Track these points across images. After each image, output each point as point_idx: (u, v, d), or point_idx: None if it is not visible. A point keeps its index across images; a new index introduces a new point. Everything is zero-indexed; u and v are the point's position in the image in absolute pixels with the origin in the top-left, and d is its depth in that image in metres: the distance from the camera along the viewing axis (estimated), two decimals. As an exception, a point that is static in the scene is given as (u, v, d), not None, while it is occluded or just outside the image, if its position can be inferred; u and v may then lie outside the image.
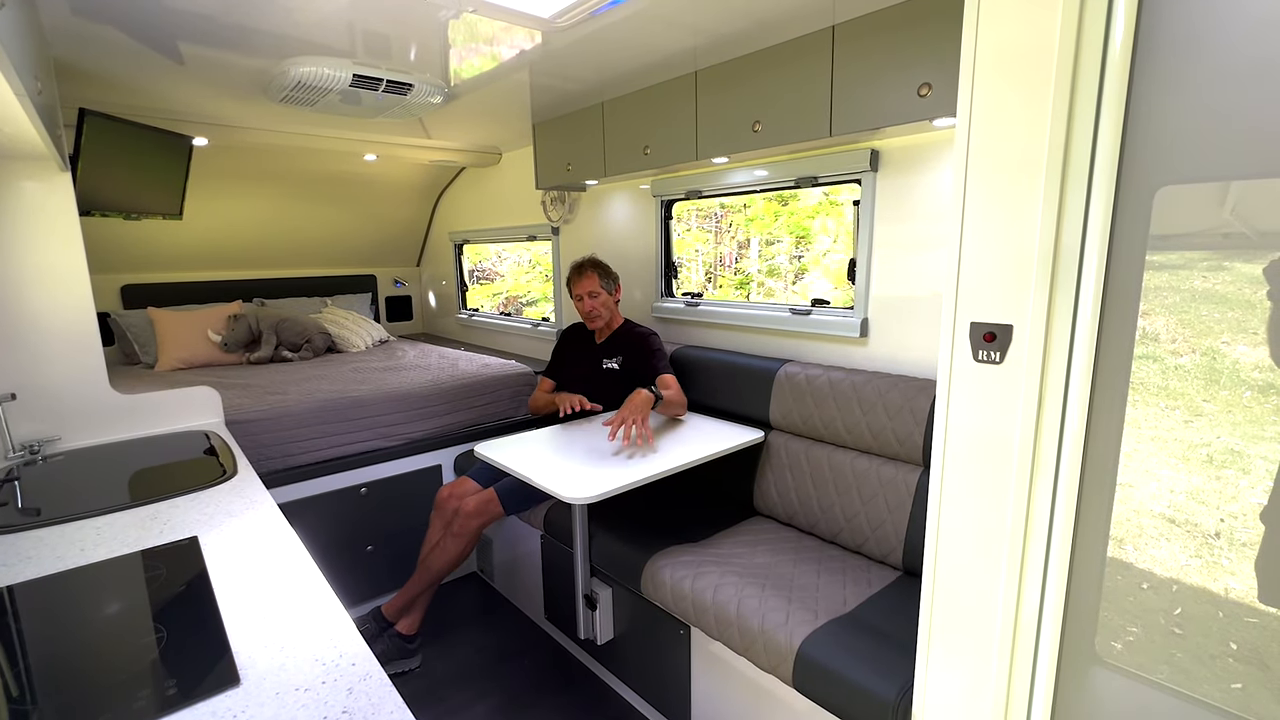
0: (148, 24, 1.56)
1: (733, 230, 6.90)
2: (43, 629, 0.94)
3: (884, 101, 1.52)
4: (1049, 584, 0.91)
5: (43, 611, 0.97)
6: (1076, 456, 0.88)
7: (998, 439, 0.92)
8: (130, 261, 3.25)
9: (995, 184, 0.89)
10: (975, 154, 0.92)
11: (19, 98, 0.97)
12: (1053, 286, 0.87)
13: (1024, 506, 0.92)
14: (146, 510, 1.30)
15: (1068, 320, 0.87)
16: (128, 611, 0.97)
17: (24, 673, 0.83)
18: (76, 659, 0.86)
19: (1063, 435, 0.89)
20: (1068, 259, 0.86)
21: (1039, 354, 0.89)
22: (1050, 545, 0.91)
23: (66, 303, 1.73)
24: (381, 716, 0.71)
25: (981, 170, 0.91)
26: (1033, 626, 0.93)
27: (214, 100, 2.22)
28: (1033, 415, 0.90)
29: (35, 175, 1.64)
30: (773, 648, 1.37)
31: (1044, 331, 0.88)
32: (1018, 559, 0.93)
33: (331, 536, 2.30)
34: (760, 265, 6.61)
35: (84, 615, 0.97)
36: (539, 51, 1.78)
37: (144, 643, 0.88)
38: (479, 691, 2.00)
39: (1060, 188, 0.84)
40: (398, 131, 2.82)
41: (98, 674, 0.83)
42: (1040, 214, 0.85)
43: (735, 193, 2.28)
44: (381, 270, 4.24)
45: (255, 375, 2.81)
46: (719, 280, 6.81)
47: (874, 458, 1.75)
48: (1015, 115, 0.85)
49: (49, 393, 1.72)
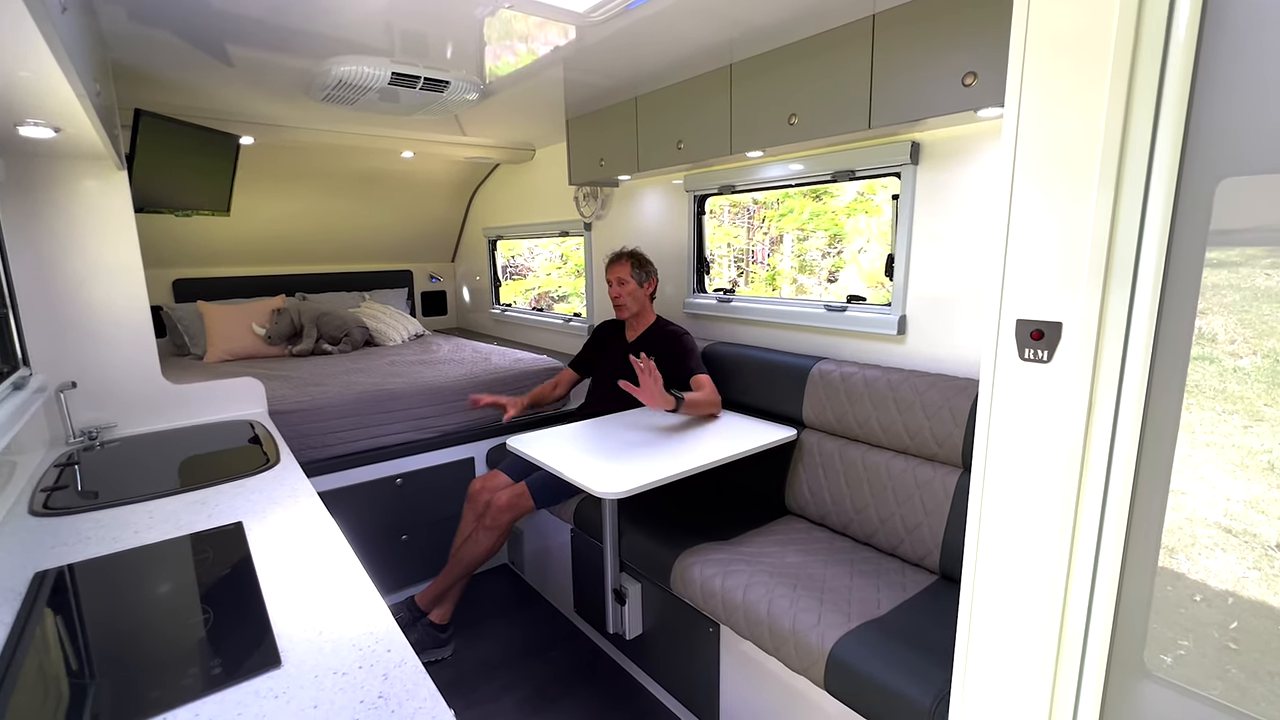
0: (199, 27, 1.61)
1: (765, 225, 6.83)
2: (100, 606, 0.98)
3: (927, 92, 1.48)
4: (1097, 594, 0.88)
5: (100, 590, 1.02)
6: (1129, 461, 0.84)
7: (1044, 441, 0.89)
8: (182, 257, 3.39)
9: (1046, 175, 0.85)
10: (1025, 144, 0.89)
11: (80, 99, 1.02)
12: (1106, 283, 0.83)
13: (1071, 512, 0.88)
14: (195, 495, 1.35)
15: (1121, 318, 0.83)
16: (177, 592, 1.02)
17: (83, 648, 0.88)
18: (130, 636, 0.90)
19: (1114, 439, 0.85)
20: (1123, 254, 0.82)
21: (1090, 353, 0.85)
22: (1099, 554, 0.87)
23: (123, 296, 1.81)
24: (415, 702, 0.73)
25: (1031, 161, 0.88)
26: (1079, 637, 0.89)
27: (260, 100, 2.28)
28: (1082, 417, 0.86)
29: (95, 174, 1.72)
30: (804, 649, 1.36)
31: (1096, 330, 0.85)
32: (1063, 567, 0.89)
33: (368, 525, 2.36)
34: (793, 261, 6.53)
35: (137, 595, 1.02)
36: (573, 47, 1.79)
37: (192, 622, 0.91)
38: (508, 682, 2.02)
39: (1116, 179, 0.80)
40: (434, 129, 2.86)
41: (149, 651, 0.86)
42: (1094, 206, 0.82)
43: (769, 187, 2.25)
44: (417, 266, 4.32)
45: (297, 367, 2.90)
46: (750, 275, 6.74)
47: (910, 458, 1.71)
48: (1069, 103, 0.81)
49: (106, 382, 1.81)
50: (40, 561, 1.08)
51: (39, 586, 1.00)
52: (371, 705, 0.72)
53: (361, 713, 0.71)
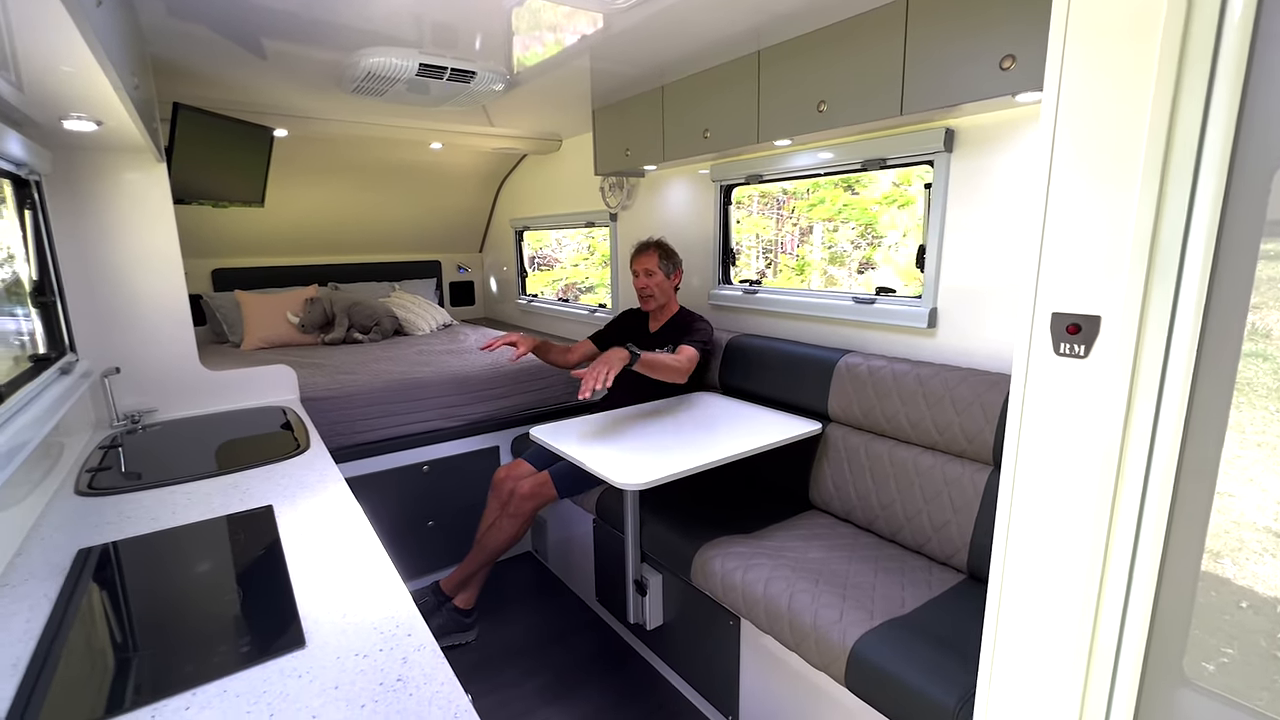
0: (235, 21, 1.65)
1: (795, 216, 6.72)
2: (138, 583, 1.02)
3: (962, 76, 1.43)
4: (1133, 598, 0.84)
5: (139, 567, 1.06)
6: (1170, 462, 0.80)
7: (1079, 439, 0.85)
8: (220, 247, 3.48)
9: (1087, 161, 0.81)
10: (1065, 129, 0.85)
11: (118, 93, 1.05)
12: (1149, 275, 0.79)
13: (1107, 513, 0.85)
14: (229, 479, 1.40)
15: (1165, 312, 0.79)
16: (211, 572, 1.05)
17: (123, 622, 0.91)
18: (166, 612, 0.94)
19: (1154, 438, 0.81)
20: (1168, 245, 0.78)
21: (1129, 348, 0.82)
22: (1135, 556, 0.84)
23: (163, 285, 1.87)
24: (433, 687, 0.74)
25: (1071, 146, 0.84)
26: (1112, 642, 0.86)
27: (292, 93, 2.32)
28: (1120, 415, 0.83)
29: (136, 166, 1.77)
30: (825, 646, 1.34)
31: (1137, 324, 0.81)
32: (1098, 569, 0.86)
33: (396, 511, 2.41)
34: (823, 252, 6.42)
35: (174, 573, 1.05)
36: (600, 36, 1.77)
37: (224, 601, 0.95)
38: (529, 668, 2.05)
39: (1162, 165, 0.76)
40: (463, 120, 2.88)
41: (184, 627, 0.90)
42: (1138, 194, 0.78)
43: (797, 176, 2.21)
44: (446, 256, 4.38)
45: (329, 355, 2.97)
46: (779, 266, 6.64)
47: (939, 454, 1.67)
48: (1113, 85, 0.77)
49: (148, 367, 1.87)
50: (84, 539, 1.12)
51: (83, 563, 1.04)
52: (390, 687, 0.74)
53: (380, 694, 0.73)
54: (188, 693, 0.73)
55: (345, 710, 0.70)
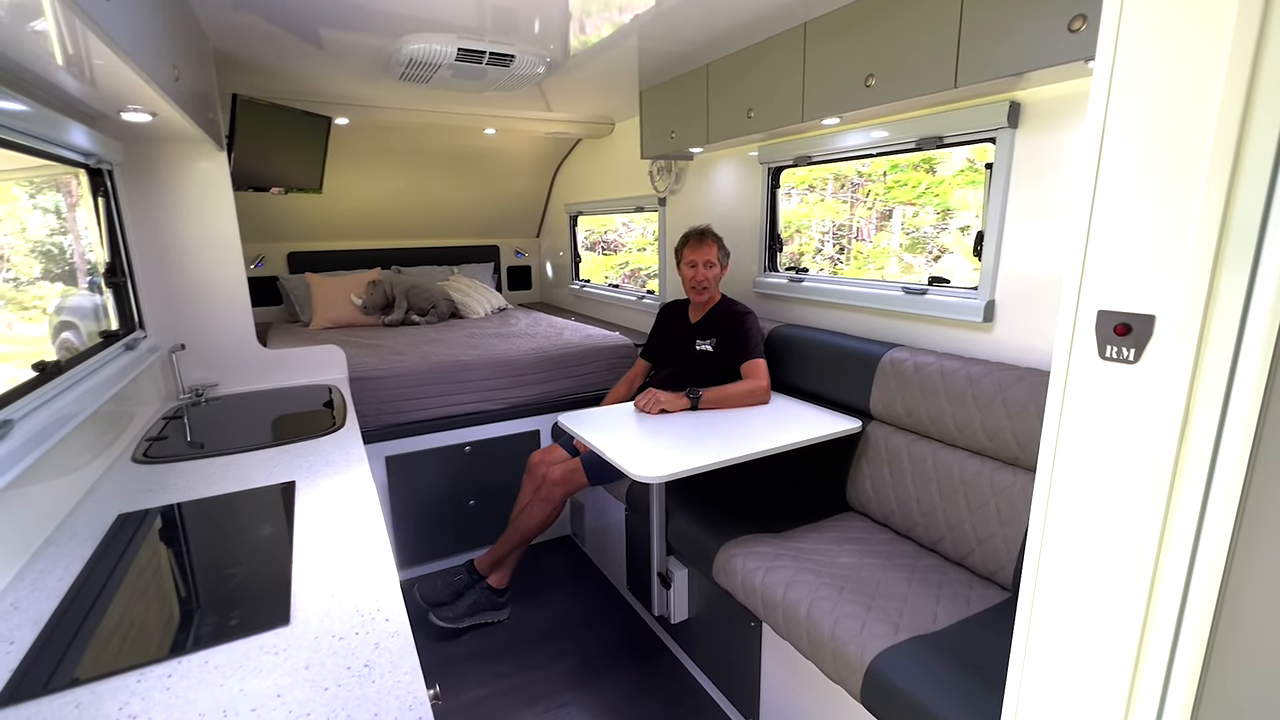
0: (289, 11, 1.70)
1: (869, 200, 6.39)
2: (158, 552, 1.09)
3: (1025, 41, 1.27)
4: (1183, 635, 0.73)
5: (165, 536, 1.14)
6: (1234, 483, 0.69)
7: (1125, 453, 0.74)
8: (295, 231, 3.69)
9: (1145, 137, 0.70)
10: (1119, 99, 0.73)
11: (149, 85, 1.10)
12: (1215, 269, 0.67)
13: (1155, 538, 0.74)
14: (264, 454, 1.47)
15: (1235, 312, 0.67)
16: (224, 543, 1.11)
17: (138, 587, 0.97)
18: (173, 581, 0.99)
19: (1216, 454, 0.70)
20: (1242, 233, 0.66)
21: (1189, 353, 0.70)
22: (1189, 586, 0.73)
23: (223, 268, 1.99)
24: (396, 675, 0.74)
25: (1127, 120, 0.72)
26: (1158, 682, 0.75)
27: (349, 81, 2.40)
28: (1175, 428, 0.71)
29: (199, 155, 1.88)
30: (842, 658, 1.26)
31: (1199, 325, 0.69)
32: (1143, 598, 0.75)
33: (438, 489, 2.49)
34: (903, 238, 6.09)
35: (193, 542, 1.12)
36: (651, 14, 1.71)
37: (227, 573, 0.99)
38: (558, 651, 2.07)
39: (1237, 142, 0.64)
40: (517, 105, 2.89)
41: (186, 596, 0.95)
42: (1204, 178, 0.66)
43: (847, 157, 2.07)
44: (504, 241, 4.46)
45: (385, 336, 3.09)
46: (851, 253, 6.34)
47: (987, 460, 1.53)
48: (1179, 50, 0.66)
49: (210, 345, 2.00)
50: (126, 504, 1.21)
51: (118, 528, 1.12)
52: (356, 673, 0.74)
53: (345, 679, 0.73)
54: (173, 660, 0.77)
55: (309, 692, 0.71)
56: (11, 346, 1.63)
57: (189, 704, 0.70)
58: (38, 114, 1.21)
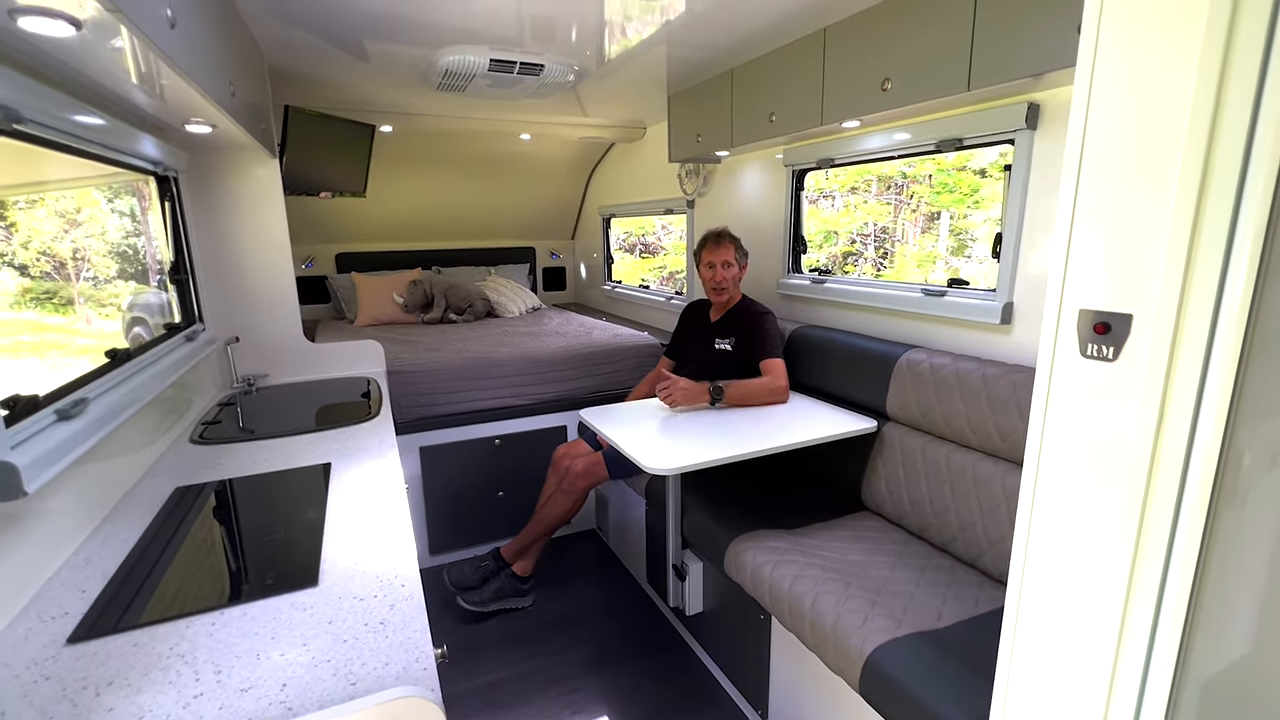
0: (339, 27, 1.82)
1: (914, 202, 6.28)
2: (211, 519, 1.21)
3: (1036, 43, 1.28)
4: (1161, 625, 0.75)
5: (218, 505, 1.26)
6: (1208, 475, 0.71)
7: (1105, 449, 0.77)
8: (343, 233, 3.89)
9: (1123, 141, 0.73)
10: (1098, 105, 0.76)
11: (207, 101, 1.22)
12: (1188, 269, 0.69)
13: (1134, 530, 0.76)
14: (305, 438, 1.59)
15: (1207, 311, 0.69)
16: (267, 512, 1.22)
17: (195, 548, 1.08)
18: (223, 543, 1.10)
19: (1191, 449, 0.71)
20: (1212, 234, 0.68)
21: (1164, 351, 0.72)
22: (1167, 573, 0.74)
23: (275, 267, 2.14)
24: (408, 632, 0.82)
25: (1106, 124, 0.75)
26: (1137, 673, 0.77)
27: (392, 91, 2.54)
28: (1151, 425, 0.73)
29: (254, 163, 2.04)
30: (842, 650, 1.29)
31: (1173, 324, 0.71)
32: (1122, 590, 0.77)
33: (470, 479, 2.60)
34: (950, 240, 5.98)
35: (242, 511, 1.24)
36: (681, 19, 1.77)
37: (268, 539, 1.09)
38: (576, 639, 2.14)
39: (1207, 147, 0.66)
40: (552, 111, 2.99)
41: (234, 557, 1.05)
42: (1177, 181, 0.68)
43: (868, 159, 2.08)
44: (540, 243, 4.58)
45: (424, 334, 3.24)
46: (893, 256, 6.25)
47: (1000, 462, 1.53)
48: (1153, 58, 0.69)
49: (261, 338, 2.16)
50: (184, 479, 1.34)
51: (177, 500, 1.24)
52: (374, 628, 0.83)
53: (363, 633, 0.82)
54: (217, 611, 0.87)
55: (330, 643, 0.80)
56: (90, 340, 1.81)
57: (227, 647, 0.79)
58: (113, 127, 1.35)
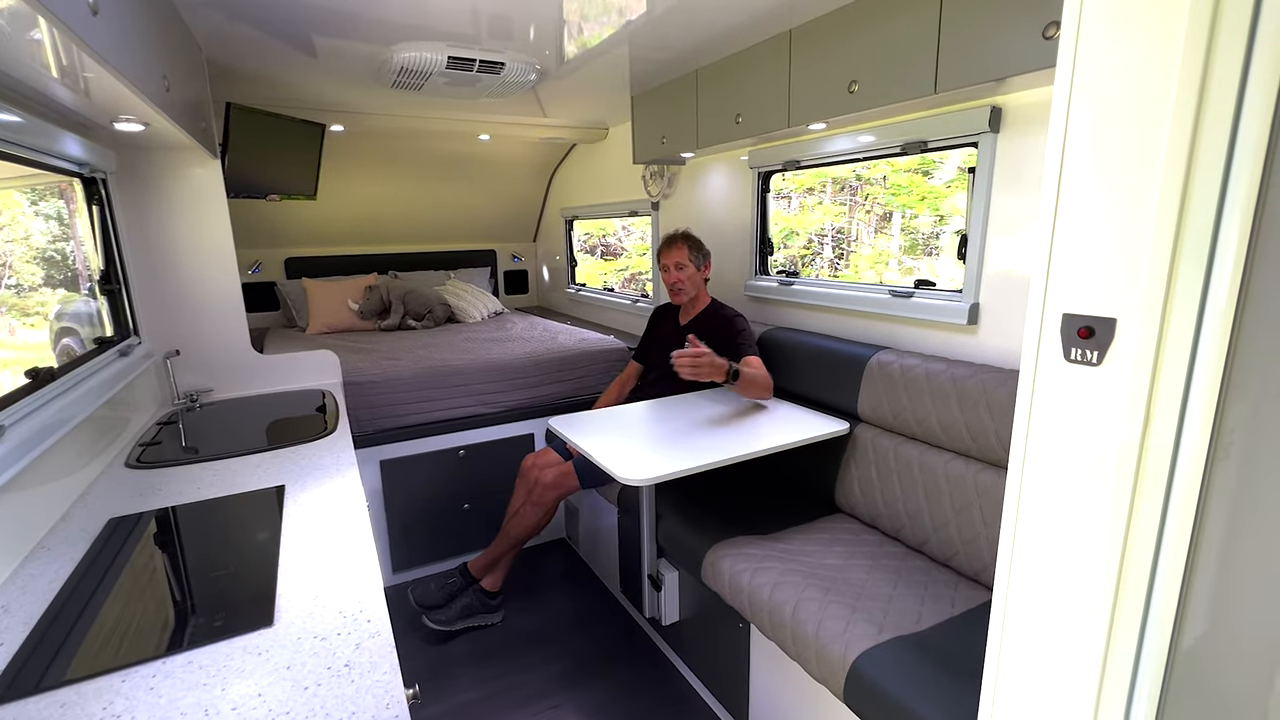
0: (283, 21, 1.72)
1: (868, 203, 6.42)
2: (150, 553, 1.10)
3: (1001, 48, 1.29)
4: (1149, 630, 0.75)
5: (157, 538, 1.15)
6: (1195, 478, 0.70)
7: (1091, 453, 0.76)
8: (292, 237, 3.71)
9: (1104, 142, 0.72)
10: (1079, 107, 0.76)
11: (139, 97, 1.12)
12: (1172, 272, 0.69)
13: (1120, 534, 0.75)
14: (255, 458, 1.49)
15: (1191, 315, 0.69)
16: (213, 545, 1.12)
17: (128, 589, 0.98)
18: (164, 582, 1.01)
19: (1177, 453, 0.71)
20: (1195, 237, 0.67)
21: (1149, 355, 0.72)
22: (1154, 576, 0.74)
23: (218, 274, 2.01)
24: (376, 675, 0.76)
25: (1087, 126, 0.75)
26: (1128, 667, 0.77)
27: (342, 89, 2.43)
28: (1138, 428, 0.73)
29: (192, 163, 1.90)
30: (825, 658, 1.28)
31: (1157, 328, 0.71)
32: (1109, 594, 0.77)
33: (434, 492, 2.50)
34: (903, 240, 6.12)
35: (184, 544, 1.14)
36: (642, 19, 1.73)
37: (215, 575, 1.01)
38: (551, 654, 2.08)
39: (1189, 150, 0.66)
40: (511, 111, 2.91)
41: (175, 597, 0.96)
42: (1160, 184, 0.68)
43: (834, 161, 2.09)
44: (501, 245, 4.48)
45: (381, 341, 3.11)
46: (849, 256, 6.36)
47: (971, 461, 1.55)
48: (1134, 60, 0.68)
49: (204, 351, 2.02)
50: (118, 508, 1.23)
51: (112, 531, 1.14)
52: (336, 672, 0.76)
53: (326, 678, 0.75)
54: (158, 661, 0.78)
55: (290, 691, 0.73)
56: (13, 352, 1.66)
57: (171, 703, 0.71)
58: (31, 125, 1.23)
